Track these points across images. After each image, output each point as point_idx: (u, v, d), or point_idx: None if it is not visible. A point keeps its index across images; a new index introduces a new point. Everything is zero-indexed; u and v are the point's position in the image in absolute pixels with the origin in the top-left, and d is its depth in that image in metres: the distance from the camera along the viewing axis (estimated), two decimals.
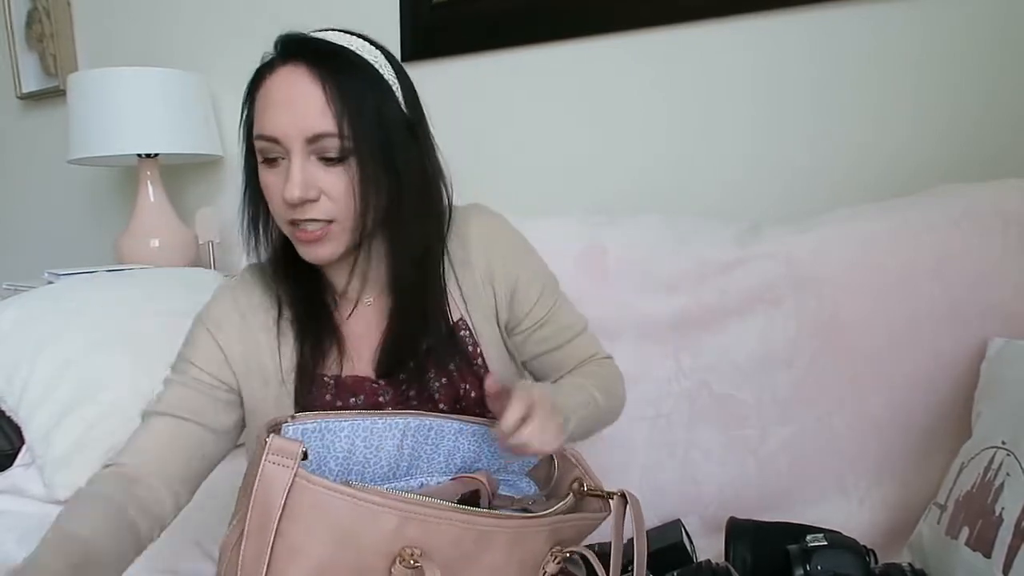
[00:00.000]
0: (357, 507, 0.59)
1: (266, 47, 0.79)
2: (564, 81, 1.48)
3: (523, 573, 0.69)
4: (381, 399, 0.80)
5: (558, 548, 0.71)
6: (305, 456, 0.59)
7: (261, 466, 0.58)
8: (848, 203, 1.15)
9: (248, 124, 0.77)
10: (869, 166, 1.24)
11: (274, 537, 0.58)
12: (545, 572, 0.70)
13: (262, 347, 0.81)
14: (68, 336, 1.24)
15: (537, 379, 0.94)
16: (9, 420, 1.25)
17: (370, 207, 0.74)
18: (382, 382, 0.81)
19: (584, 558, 0.70)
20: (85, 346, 1.23)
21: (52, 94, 2.25)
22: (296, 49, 0.75)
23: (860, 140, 1.24)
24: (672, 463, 1.12)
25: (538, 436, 0.67)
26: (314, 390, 0.79)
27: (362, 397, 0.80)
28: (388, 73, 0.77)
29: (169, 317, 1.34)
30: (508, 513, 0.68)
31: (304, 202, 0.72)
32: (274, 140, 0.73)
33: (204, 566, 0.98)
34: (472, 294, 0.84)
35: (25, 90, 2.33)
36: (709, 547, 0.99)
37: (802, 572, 0.76)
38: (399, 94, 0.77)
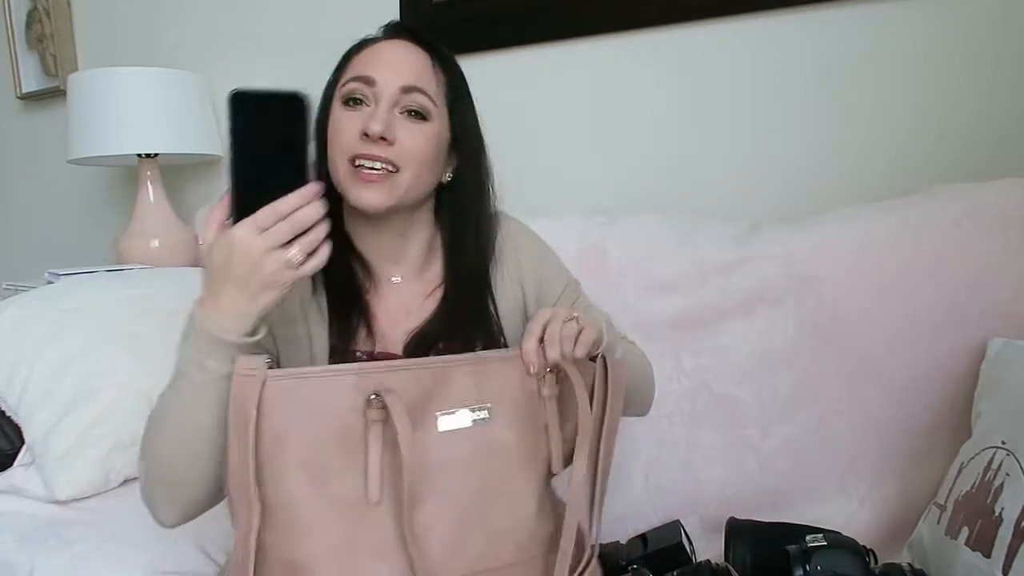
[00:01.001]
0: (321, 382, 0.67)
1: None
2: (564, 81, 1.48)
3: (515, 401, 0.74)
4: None
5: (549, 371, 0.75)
6: (270, 366, 0.65)
7: (233, 382, 0.63)
8: (848, 203, 1.15)
9: (326, 89, 0.83)
10: (869, 166, 1.24)
11: (255, 436, 0.63)
12: (544, 396, 0.75)
13: (296, 318, 0.81)
14: (68, 336, 1.24)
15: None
16: (9, 420, 1.25)
17: (433, 170, 0.81)
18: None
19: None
20: (85, 346, 1.23)
21: (52, 94, 2.25)
22: (406, 30, 0.83)
23: (860, 140, 1.24)
24: (672, 463, 1.12)
25: (560, 338, 0.70)
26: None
27: None
28: None
29: (169, 317, 1.33)
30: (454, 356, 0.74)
31: (380, 139, 0.76)
32: (369, 81, 0.78)
33: (205, 567, 0.98)
34: (501, 288, 0.88)
35: (25, 90, 2.33)
36: (709, 547, 0.99)
37: (801, 572, 0.76)
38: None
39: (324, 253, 0.64)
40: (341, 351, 0.80)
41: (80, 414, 1.17)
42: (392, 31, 0.83)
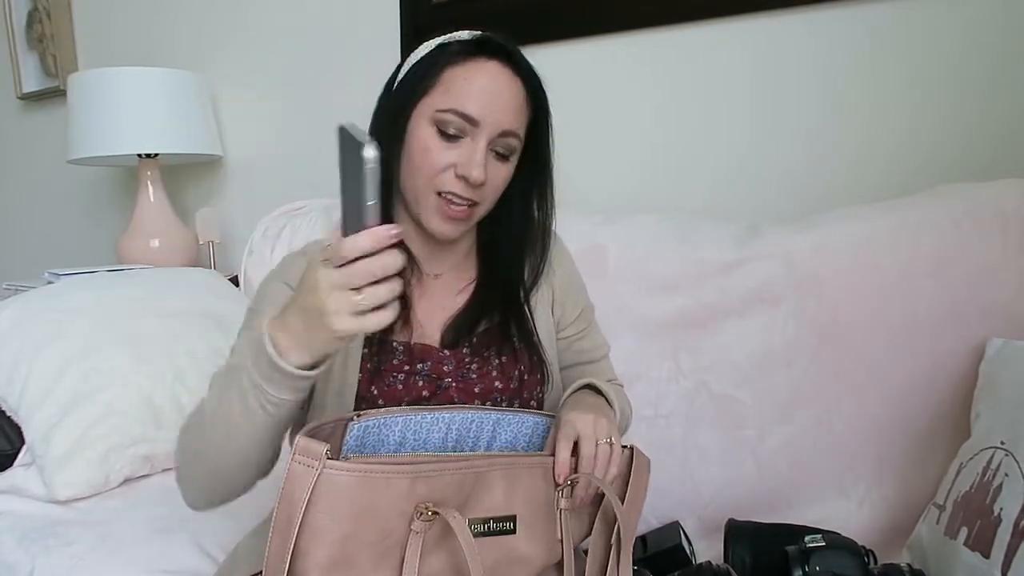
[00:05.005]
0: (370, 479, 0.63)
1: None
2: (563, 81, 1.47)
3: (537, 512, 0.74)
4: (445, 368, 0.84)
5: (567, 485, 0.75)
6: (329, 456, 0.62)
7: (288, 466, 0.61)
8: (848, 203, 1.15)
9: (412, 91, 0.81)
10: (869, 166, 1.24)
11: (298, 530, 0.61)
12: (560, 508, 0.75)
13: None
14: (68, 336, 1.24)
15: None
16: (9, 420, 1.25)
17: (497, 201, 0.84)
18: (447, 352, 0.85)
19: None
20: (85, 346, 1.23)
21: (52, 94, 2.25)
22: (500, 49, 0.81)
23: (860, 140, 1.24)
24: (671, 463, 1.12)
25: (595, 461, 0.73)
26: (383, 355, 0.82)
27: (428, 364, 0.83)
28: None
29: (169, 317, 1.34)
30: (498, 453, 0.75)
31: (477, 184, 0.78)
32: (471, 120, 0.77)
33: (204, 566, 0.98)
34: (536, 289, 0.91)
35: (25, 90, 2.33)
36: (708, 548, 0.99)
37: (800, 573, 0.76)
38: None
39: (392, 312, 0.58)
40: (379, 339, 0.81)
41: (80, 414, 1.17)
42: (489, 50, 0.81)
